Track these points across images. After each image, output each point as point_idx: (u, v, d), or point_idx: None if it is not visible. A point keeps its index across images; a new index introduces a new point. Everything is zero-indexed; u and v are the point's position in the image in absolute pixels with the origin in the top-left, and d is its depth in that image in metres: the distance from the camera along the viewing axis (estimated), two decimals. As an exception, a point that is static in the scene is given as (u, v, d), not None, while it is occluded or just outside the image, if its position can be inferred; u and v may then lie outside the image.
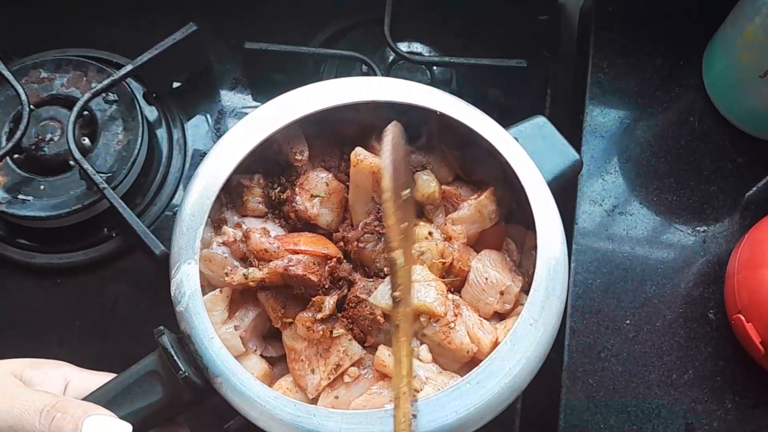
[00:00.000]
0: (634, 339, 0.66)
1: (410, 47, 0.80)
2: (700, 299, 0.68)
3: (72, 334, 0.69)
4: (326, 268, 0.54)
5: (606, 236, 0.70)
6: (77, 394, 0.50)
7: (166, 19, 0.75)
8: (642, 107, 0.75)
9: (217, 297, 0.54)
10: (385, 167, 0.50)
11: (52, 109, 0.71)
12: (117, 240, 0.71)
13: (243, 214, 0.59)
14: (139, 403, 0.50)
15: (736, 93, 0.71)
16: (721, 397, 0.65)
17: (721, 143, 0.73)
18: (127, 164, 0.69)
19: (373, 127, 0.60)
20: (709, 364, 0.66)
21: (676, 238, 0.70)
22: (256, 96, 0.79)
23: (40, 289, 0.71)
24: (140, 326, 0.69)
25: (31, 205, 0.67)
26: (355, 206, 0.58)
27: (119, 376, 0.51)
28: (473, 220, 0.58)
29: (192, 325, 0.50)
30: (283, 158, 0.60)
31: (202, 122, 0.77)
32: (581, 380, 0.65)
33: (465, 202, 0.58)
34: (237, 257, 0.55)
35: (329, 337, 0.52)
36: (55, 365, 0.51)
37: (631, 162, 0.73)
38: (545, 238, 0.53)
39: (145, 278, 0.71)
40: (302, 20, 0.81)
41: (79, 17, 0.80)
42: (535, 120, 0.61)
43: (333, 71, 0.80)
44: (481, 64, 0.74)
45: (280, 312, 0.54)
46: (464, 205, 0.58)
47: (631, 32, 0.77)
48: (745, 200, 0.71)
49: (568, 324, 0.66)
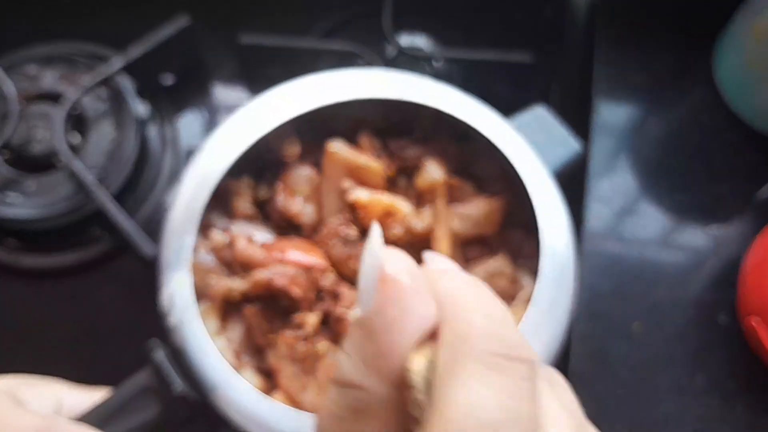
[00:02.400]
0: (643, 344, 0.65)
1: (411, 41, 0.79)
2: (711, 302, 0.66)
3: (61, 337, 0.68)
4: (309, 278, 0.52)
5: (615, 238, 0.68)
6: (71, 413, 0.48)
7: (157, 12, 0.74)
8: (650, 103, 0.73)
9: (208, 308, 0.52)
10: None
11: (41, 106, 0.70)
12: (107, 241, 0.69)
13: (232, 217, 0.58)
14: (134, 421, 0.48)
15: (748, 89, 0.70)
16: (732, 403, 0.63)
17: (733, 141, 0.71)
18: (118, 163, 0.68)
19: (365, 120, 0.58)
20: (721, 369, 0.64)
21: (687, 240, 0.69)
22: (251, 92, 0.77)
23: (27, 291, 0.69)
24: (131, 328, 0.67)
25: (19, 205, 0.66)
26: (325, 200, 0.57)
27: (113, 395, 0.50)
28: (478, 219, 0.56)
29: (185, 338, 0.49)
30: (272, 155, 0.58)
31: (196, 119, 0.76)
32: (587, 386, 0.63)
33: (476, 200, 0.57)
34: (223, 263, 0.54)
35: (313, 354, 0.50)
36: (49, 383, 0.50)
37: (639, 160, 0.71)
38: (550, 232, 0.52)
39: (135, 279, 0.69)
40: (299, 13, 0.79)
41: (68, 10, 0.79)
42: (535, 110, 0.59)
43: (331, 65, 0.78)
44: (485, 58, 0.73)
45: (266, 328, 0.52)
46: (474, 201, 0.57)
47: (638, 26, 0.76)
48: (758, 200, 0.70)
49: (574, 328, 0.65)
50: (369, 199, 0.54)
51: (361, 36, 0.79)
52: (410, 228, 0.55)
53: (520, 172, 0.54)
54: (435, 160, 0.58)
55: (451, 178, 0.58)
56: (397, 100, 0.56)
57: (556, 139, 0.58)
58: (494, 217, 0.57)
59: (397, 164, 0.59)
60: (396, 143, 0.59)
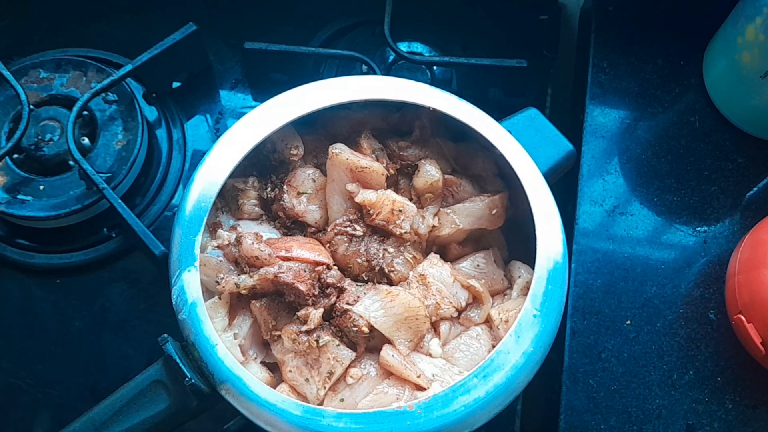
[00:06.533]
0: (635, 339, 0.66)
1: (410, 47, 0.80)
2: (700, 300, 0.68)
3: (71, 334, 0.69)
4: (314, 275, 0.53)
5: (606, 237, 0.70)
6: None
7: (166, 19, 0.75)
8: (642, 107, 0.75)
9: (216, 304, 0.54)
10: None
11: (52, 109, 0.71)
12: (116, 240, 0.71)
13: (239, 217, 0.59)
14: (145, 413, 0.50)
15: (737, 93, 0.71)
16: (721, 397, 0.65)
17: (722, 143, 0.73)
18: (126, 164, 0.69)
19: (365, 123, 0.60)
20: (710, 364, 0.66)
21: (677, 239, 0.70)
22: (256, 96, 0.78)
23: (39, 289, 0.70)
24: (140, 326, 0.69)
25: (31, 205, 0.67)
26: (330, 201, 0.58)
27: (124, 387, 0.51)
28: (480, 216, 0.58)
29: (195, 332, 0.50)
30: (277, 156, 0.59)
31: (202, 122, 0.77)
32: (582, 381, 0.65)
33: (478, 197, 0.58)
34: (231, 261, 0.55)
35: (316, 347, 0.52)
36: None
37: (631, 162, 0.72)
38: (544, 229, 0.53)
39: (144, 278, 0.70)
40: (302, 20, 0.81)
41: (79, 17, 0.80)
42: (527, 112, 0.61)
43: (333, 71, 0.79)
44: (482, 63, 0.73)
45: (271, 324, 0.53)
46: (476, 199, 0.58)
47: (631, 32, 0.77)
48: (746, 200, 0.71)
49: (568, 324, 0.66)
50: (377, 198, 0.56)
51: (362, 43, 0.80)
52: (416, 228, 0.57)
53: (515, 168, 0.55)
54: (433, 160, 0.59)
55: (449, 175, 0.59)
56: (396, 102, 0.57)
57: (548, 139, 0.60)
58: (498, 213, 0.58)
59: (396, 164, 0.60)
60: (396, 144, 0.60)
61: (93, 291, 0.70)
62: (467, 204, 0.58)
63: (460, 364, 0.54)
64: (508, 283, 0.58)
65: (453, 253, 0.59)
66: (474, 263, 0.58)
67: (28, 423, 0.67)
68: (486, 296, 0.56)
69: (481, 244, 0.60)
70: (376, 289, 0.54)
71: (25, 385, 0.68)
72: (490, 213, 0.58)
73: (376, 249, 0.56)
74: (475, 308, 0.57)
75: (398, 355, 0.52)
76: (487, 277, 0.57)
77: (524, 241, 0.57)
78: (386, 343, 0.53)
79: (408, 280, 0.56)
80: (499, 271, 0.58)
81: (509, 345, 0.50)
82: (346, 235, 0.56)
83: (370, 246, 0.56)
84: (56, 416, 0.67)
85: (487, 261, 0.58)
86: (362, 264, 0.56)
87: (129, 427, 0.50)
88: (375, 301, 0.53)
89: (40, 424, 0.67)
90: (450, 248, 0.59)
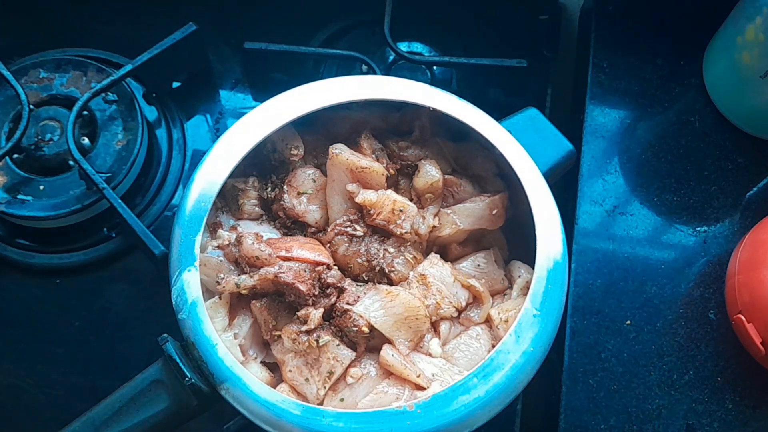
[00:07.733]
0: (635, 339, 0.66)
1: (410, 47, 0.80)
2: (700, 299, 0.68)
3: (71, 334, 0.69)
4: (314, 275, 0.53)
5: (606, 236, 0.70)
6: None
7: (166, 19, 0.75)
8: (642, 107, 0.75)
9: (216, 304, 0.54)
10: None
11: (52, 109, 0.71)
12: (116, 240, 0.71)
13: (239, 217, 0.59)
14: (145, 412, 0.50)
15: (737, 93, 0.71)
16: (721, 397, 0.65)
17: (722, 143, 0.73)
18: (126, 164, 0.69)
19: (365, 123, 0.60)
20: (710, 364, 0.66)
21: (677, 239, 0.70)
22: (256, 96, 0.78)
23: (39, 289, 0.70)
24: (139, 326, 0.69)
25: (31, 205, 0.67)
26: (330, 201, 0.58)
27: (124, 387, 0.51)
28: (480, 216, 0.58)
29: (195, 332, 0.50)
30: (277, 156, 0.60)
31: (202, 122, 0.77)
32: (582, 381, 0.65)
33: (478, 197, 0.58)
34: (231, 261, 0.55)
35: (316, 347, 0.52)
36: None
37: (631, 162, 0.73)
38: (544, 229, 0.53)
39: (144, 278, 0.70)
40: (302, 20, 0.81)
41: (79, 17, 0.80)
42: (527, 112, 0.61)
43: (333, 71, 0.79)
44: (482, 63, 0.74)
45: (271, 324, 0.54)
46: (476, 199, 0.58)
47: (631, 32, 0.77)
48: (746, 200, 0.71)
49: (568, 324, 0.66)
50: (378, 198, 0.56)
51: (362, 43, 0.80)
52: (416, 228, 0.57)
53: (515, 168, 0.55)
54: (433, 160, 0.59)
55: (449, 175, 0.59)
56: (396, 102, 0.57)
57: (548, 139, 0.60)
58: (498, 213, 0.58)
59: (396, 164, 0.60)
60: (396, 144, 0.60)
61: (93, 291, 0.70)
62: (467, 204, 0.58)
63: (460, 364, 0.54)
64: (508, 282, 0.58)
65: (453, 253, 0.59)
66: (474, 263, 0.58)
67: (29, 423, 0.67)
68: (486, 296, 0.56)
69: (481, 244, 0.60)
70: (376, 289, 0.54)
71: (25, 385, 0.68)
72: (491, 213, 0.58)
73: (377, 249, 0.56)
74: (475, 308, 0.57)
75: (398, 355, 0.52)
76: (487, 277, 0.57)
77: (524, 241, 0.57)
78: (386, 342, 0.53)
79: (408, 280, 0.56)
80: (499, 271, 0.58)
81: (509, 345, 0.50)
82: (347, 235, 0.56)
83: (370, 246, 0.56)
84: (56, 416, 0.67)
85: (488, 261, 0.58)
86: (362, 264, 0.56)
87: (129, 426, 0.50)
88: (375, 301, 0.53)
89: (40, 424, 0.67)
90: (450, 248, 0.59)
